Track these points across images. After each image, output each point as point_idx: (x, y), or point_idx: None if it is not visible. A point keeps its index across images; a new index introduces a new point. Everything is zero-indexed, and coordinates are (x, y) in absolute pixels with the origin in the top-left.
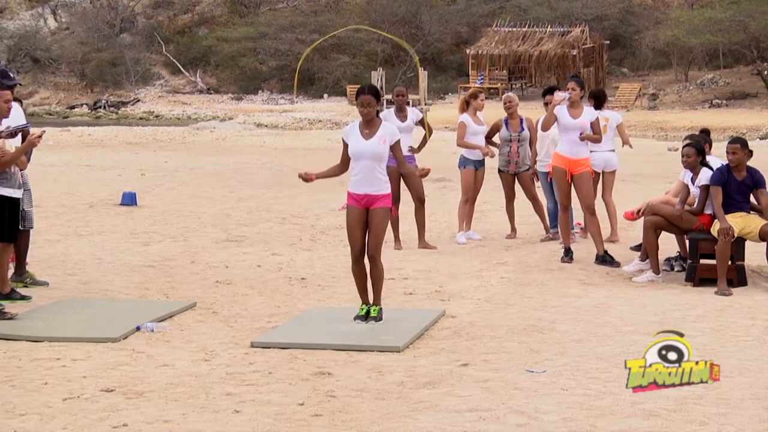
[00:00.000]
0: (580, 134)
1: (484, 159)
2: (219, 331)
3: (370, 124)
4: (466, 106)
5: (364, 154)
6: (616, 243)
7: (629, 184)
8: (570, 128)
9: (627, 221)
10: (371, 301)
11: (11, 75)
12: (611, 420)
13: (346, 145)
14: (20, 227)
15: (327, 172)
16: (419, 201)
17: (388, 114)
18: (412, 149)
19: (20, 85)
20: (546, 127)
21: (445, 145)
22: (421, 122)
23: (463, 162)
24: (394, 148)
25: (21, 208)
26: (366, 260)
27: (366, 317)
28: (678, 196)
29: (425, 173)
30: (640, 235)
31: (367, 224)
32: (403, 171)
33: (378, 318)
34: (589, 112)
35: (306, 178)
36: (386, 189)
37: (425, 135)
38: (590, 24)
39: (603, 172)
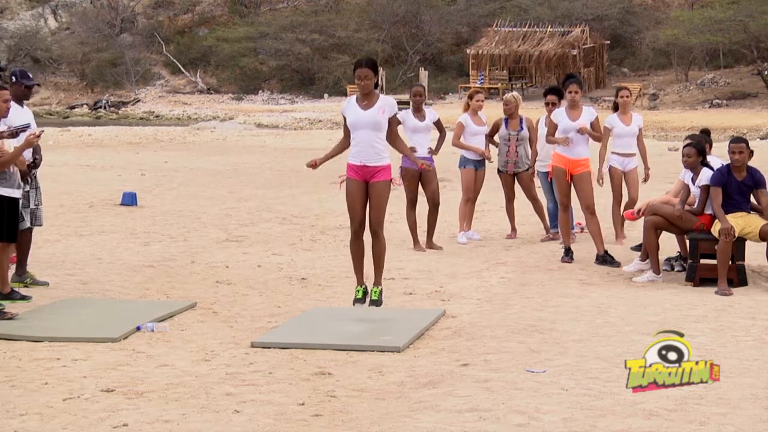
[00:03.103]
0: (579, 129)
1: (483, 159)
2: (219, 331)
3: (368, 97)
4: (468, 106)
5: (362, 123)
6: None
7: None
8: (570, 130)
9: (628, 221)
10: (369, 281)
11: (30, 75)
12: (611, 420)
13: (345, 119)
14: (29, 224)
15: (332, 151)
16: (433, 204)
17: (405, 114)
18: (431, 150)
19: (38, 85)
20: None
21: (446, 145)
22: (438, 123)
23: (463, 162)
24: (392, 121)
25: (32, 206)
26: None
27: (363, 299)
28: (678, 196)
29: (428, 168)
30: (640, 235)
31: (366, 198)
32: (395, 146)
33: (378, 301)
34: (588, 113)
35: (312, 165)
36: (385, 160)
37: (441, 136)
38: (590, 24)
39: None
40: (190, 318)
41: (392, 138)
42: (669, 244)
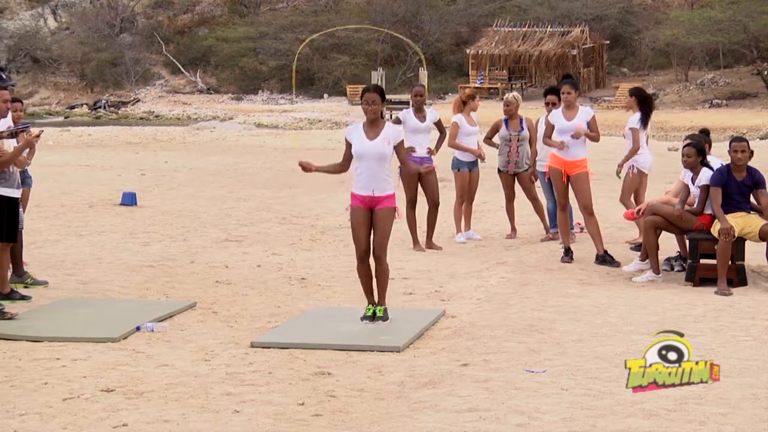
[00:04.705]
0: (573, 134)
1: (476, 160)
2: (219, 331)
3: (373, 124)
4: (462, 106)
5: (367, 154)
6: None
7: None
8: (566, 131)
9: (627, 221)
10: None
11: (3, 77)
12: (611, 420)
13: (349, 145)
14: None
15: (328, 167)
16: (433, 204)
17: (406, 114)
18: (430, 150)
19: (12, 86)
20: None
21: (445, 145)
22: (439, 123)
23: (456, 164)
24: (398, 148)
25: None
26: (371, 260)
27: (373, 317)
28: (678, 196)
29: (429, 170)
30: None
31: (371, 224)
32: (404, 170)
33: (384, 318)
34: (584, 112)
35: (306, 167)
36: (390, 189)
37: (441, 136)
38: (590, 24)
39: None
40: (190, 318)
41: (402, 163)
42: (669, 244)
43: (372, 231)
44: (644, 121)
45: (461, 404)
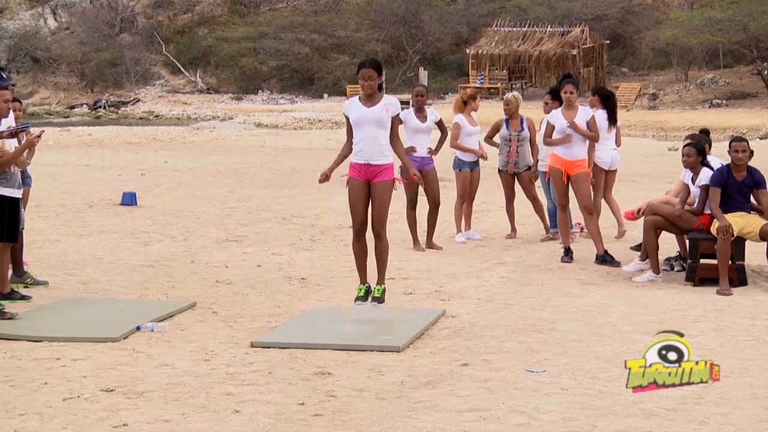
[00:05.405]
0: (569, 124)
1: (478, 160)
2: (219, 331)
3: (371, 98)
4: (463, 106)
5: (366, 120)
6: (623, 235)
7: (629, 184)
8: (566, 131)
9: (627, 221)
10: (372, 280)
11: (4, 76)
12: (611, 420)
13: (348, 119)
14: None
15: (338, 157)
16: (434, 204)
17: (407, 114)
18: (430, 150)
19: (13, 86)
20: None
21: (446, 145)
22: (440, 123)
23: (458, 164)
24: (393, 121)
25: None
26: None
27: (365, 297)
28: (678, 196)
29: (417, 180)
30: (640, 234)
31: (369, 198)
32: (395, 148)
33: (380, 299)
34: (584, 112)
35: (324, 180)
36: (388, 158)
37: (442, 136)
38: (590, 24)
39: (608, 171)
40: (190, 318)
41: (392, 138)
42: (669, 244)
43: (370, 205)
44: (610, 118)
45: (461, 404)
